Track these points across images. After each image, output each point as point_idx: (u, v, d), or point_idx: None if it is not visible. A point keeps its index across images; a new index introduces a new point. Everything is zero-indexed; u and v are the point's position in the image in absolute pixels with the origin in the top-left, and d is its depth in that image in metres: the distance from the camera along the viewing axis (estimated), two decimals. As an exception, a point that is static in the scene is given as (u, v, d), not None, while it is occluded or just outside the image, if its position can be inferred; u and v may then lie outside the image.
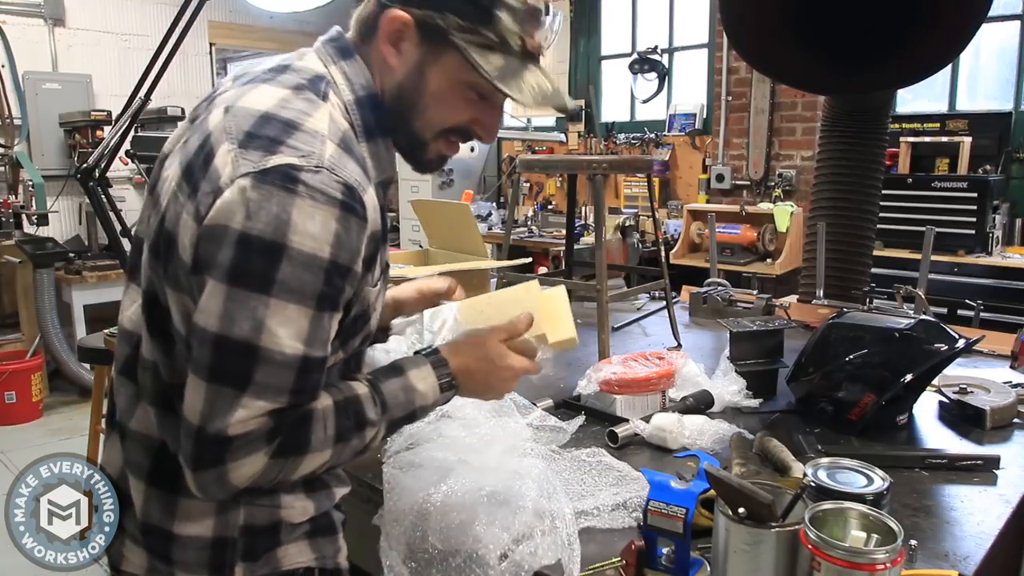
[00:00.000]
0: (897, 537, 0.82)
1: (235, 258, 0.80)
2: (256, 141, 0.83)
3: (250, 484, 0.84)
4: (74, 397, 4.80)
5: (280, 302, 0.81)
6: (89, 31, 5.67)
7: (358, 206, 0.85)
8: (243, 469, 0.82)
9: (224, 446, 0.81)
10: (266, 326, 0.80)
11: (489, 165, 6.73)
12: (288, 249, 0.80)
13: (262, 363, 0.81)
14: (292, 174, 0.81)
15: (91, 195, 4.62)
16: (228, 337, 0.80)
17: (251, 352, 0.80)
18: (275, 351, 0.81)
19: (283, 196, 0.80)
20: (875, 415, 1.45)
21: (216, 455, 0.81)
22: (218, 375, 0.81)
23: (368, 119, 0.95)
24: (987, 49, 4.62)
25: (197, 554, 0.92)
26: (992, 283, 3.98)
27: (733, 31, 2.55)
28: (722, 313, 2.34)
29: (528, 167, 2.18)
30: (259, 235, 0.79)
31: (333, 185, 0.83)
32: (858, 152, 2.46)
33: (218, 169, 0.83)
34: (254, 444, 0.82)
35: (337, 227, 0.83)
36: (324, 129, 0.86)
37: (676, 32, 5.78)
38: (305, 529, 0.98)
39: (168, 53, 2.80)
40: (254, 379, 0.81)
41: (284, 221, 0.80)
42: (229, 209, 0.81)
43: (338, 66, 0.95)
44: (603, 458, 1.29)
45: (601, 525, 1.12)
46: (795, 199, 4.97)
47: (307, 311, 0.82)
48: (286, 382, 0.82)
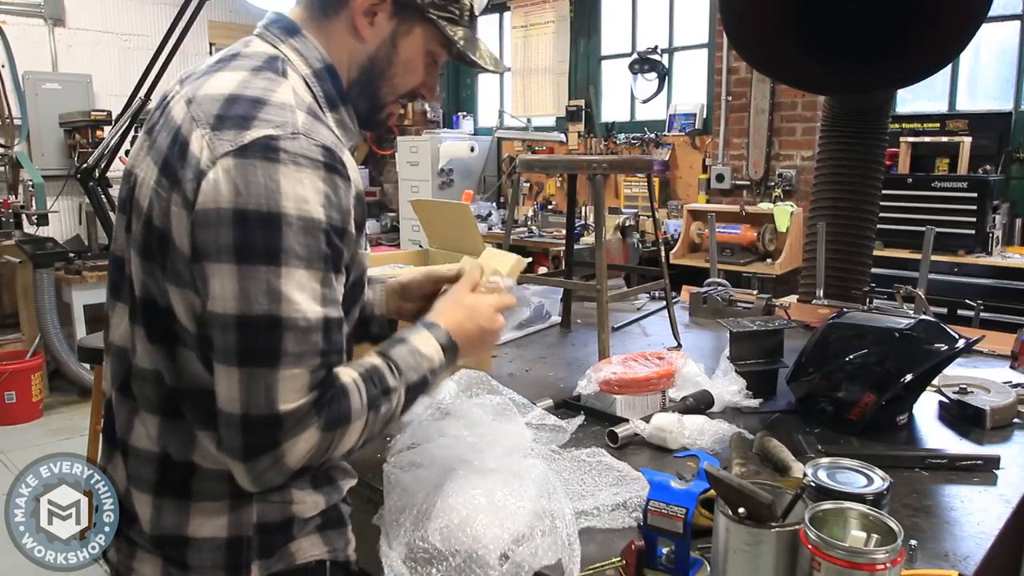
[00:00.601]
0: (897, 537, 0.82)
1: (236, 236, 0.81)
2: (228, 121, 0.85)
3: (305, 463, 0.84)
4: (74, 397, 4.80)
5: (290, 269, 0.82)
6: (89, 31, 5.67)
7: (340, 166, 0.88)
8: (299, 447, 0.83)
9: (277, 427, 0.81)
10: (283, 295, 0.81)
11: (489, 165, 6.73)
12: (285, 216, 0.81)
13: (288, 332, 0.81)
14: (272, 144, 0.83)
15: (91, 195, 4.63)
16: (249, 316, 0.81)
17: (275, 324, 0.81)
18: (298, 318, 0.82)
19: (267, 166, 0.82)
20: (875, 415, 1.45)
21: (270, 438, 0.81)
22: (248, 357, 0.81)
23: (329, 89, 0.98)
24: (987, 49, 4.62)
25: (213, 555, 0.92)
26: (992, 283, 3.98)
27: (733, 31, 2.55)
28: (722, 313, 2.34)
29: (528, 167, 2.18)
30: (254, 209, 0.81)
31: (312, 149, 0.85)
32: (858, 152, 2.46)
33: (196, 154, 0.84)
34: (306, 418, 0.82)
35: (325, 188, 0.85)
36: (291, 101, 0.89)
37: (676, 32, 5.78)
38: (317, 523, 0.99)
39: (168, 53, 2.80)
40: (286, 350, 0.81)
41: (274, 190, 0.81)
42: (217, 190, 0.82)
43: (288, 44, 0.98)
44: (603, 458, 1.29)
45: (601, 525, 1.12)
46: (795, 199, 4.97)
47: (317, 273, 0.84)
48: (315, 345, 0.83)
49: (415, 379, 0.97)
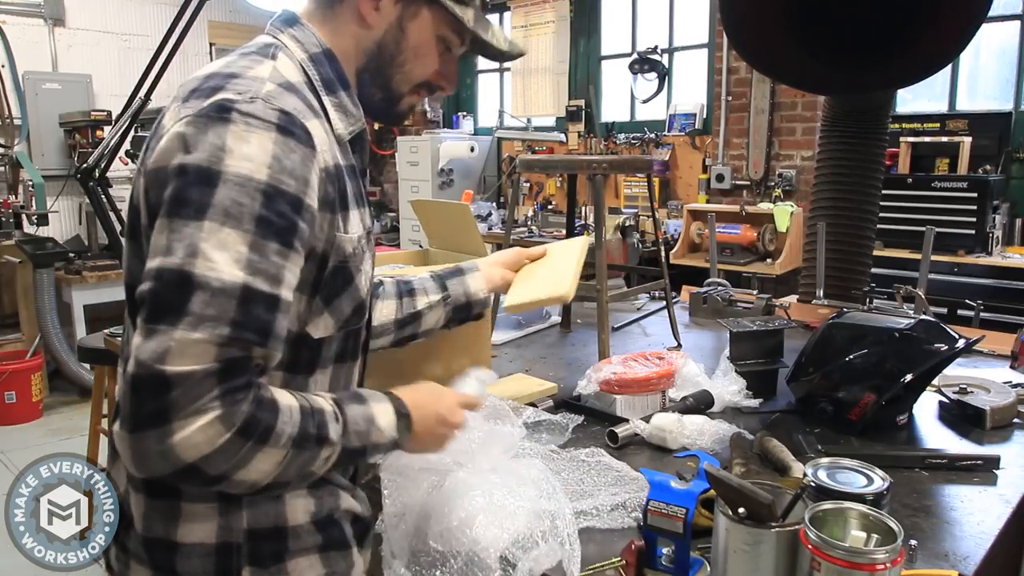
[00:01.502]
0: (897, 537, 0.82)
1: (173, 190, 0.80)
2: (197, 92, 0.87)
3: (199, 460, 0.75)
4: (74, 397, 4.80)
5: (214, 224, 0.78)
6: (89, 31, 5.67)
7: (298, 130, 0.85)
8: (191, 433, 0.74)
9: (162, 390, 0.74)
10: (200, 250, 0.77)
11: (489, 165, 6.73)
12: (223, 174, 0.79)
13: (196, 290, 0.76)
14: (226, 105, 0.83)
15: (91, 195, 4.63)
16: (163, 268, 0.77)
17: (184, 280, 0.76)
18: (211, 277, 0.76)
19: (217, 125, 0.82)
20: (875, 415, 1.45)
21: (156, 407, 0.74)
22: (153, 311, 0.76)
23: (326, 73, 0.97)
24: (987, 49, 4.61)
25: (202, 562, 0.90)
26: (992, 283, 3.98)
27: (733, 31, 2.55)
28: (722, 313, 2.34)
29: (528, 167, 2.18)
30: (195, 163, 0.80)
31: (268, 112, 0.84)
32: (858, 152, 2.46)
33: (164, 125, 0.86)
34: (201, 396, 0.75)
35: (274, 148, 0.82)
36: (265, 75, 0.89)
37: (676, 32, 5.78)
38: (317, 542, 0.96)
39: (168, 53, 2.80)
40: (189, 308, 0.75)
41: (218, 147, 0.80)
42: (168, 148, 0.82)
43: (286, 33, 0.99)
44: (602, 458, 1.29)
45: (601, 525, 1.12)
46: (795, 199, 4.97)
47: (245, 235, 0.79)
48: (226, 312, 0.76)
49: (356, 445, 0.91)
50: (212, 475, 0.78)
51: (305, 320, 0.93)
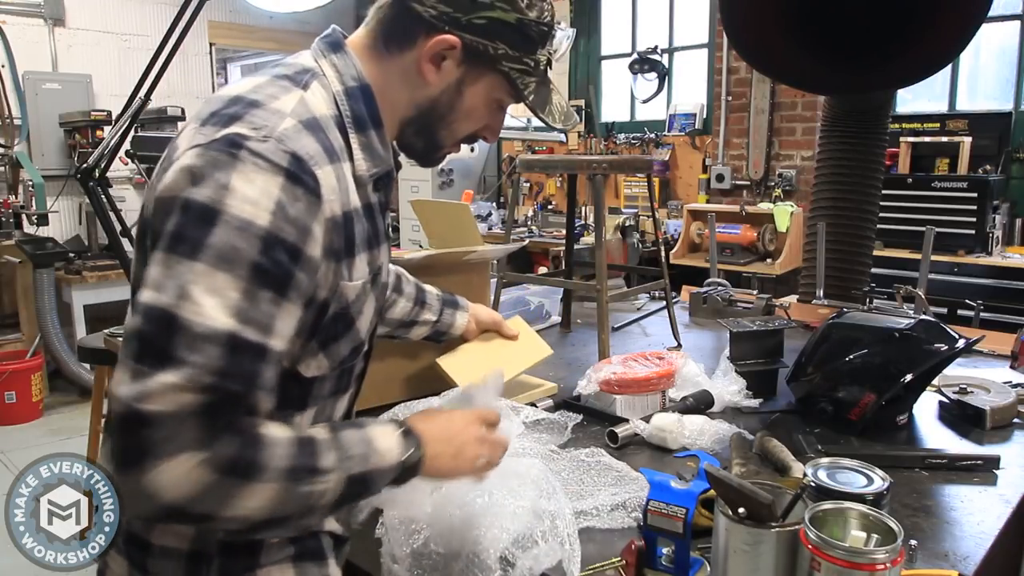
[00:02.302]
0: (897, 537, 0.82)
1: (173, 225, 0.78)
2: (215, 118, 0.84)
3: (183, 501, 0.73)
4: (74, 397, 4.80)
5: (208, 268, 0.75)
6: (89, 31, 5.67)
7: (307, 178, 0.82)
8: (170, 474, 0.72)
9: (139, 427, 0.72)
10: (189, 293, 0.74)
11: (489, 165, 6.73)
12: (223, 214, 0.77)
13: (181, 334, 0.74)
14: (237, 141, 0.80)
15: (91, 195, 4.60)
16: (152, 306, 0.75)
17: (170, 321, 0.74)
18: (196, 321, 0.74)
19: (225, 161, 0.79)
20: (875, 415, 1.45)
21: (136, 445, 0.72)
22: (138, 350, 0.74)
23: (359, 110, 0.93)
24: (987, 49, 4.62)
25: (173, 566, 0.90)
26: (992, 283, 3.98)
27: (733, 31, 2.55)
28: (722, 313, 2.34)
29: (528, 167, 2.18)
30: (198, 200, 0.77)
31: (279, 153, 0.80)
32: (858, 152, 2.46)
33: (178, 146, 0.84)
34: (180, 437, 0.72)
35: (279, 195, 0.79)
36: (287, 109, 0.85)
37: (676, 32, 5.78)
38: (289, 552, 0.94)
39: (168, 53, 2.79)
40: (173, 353, 0.73)
41: (223, 185, 0.78)
42: (175, 179, 0.80)
43: (328, 59, 0.94)
44: (602, 458, 1.28)
45: (601, 525, 1.12)
46: (795, 199, 4.97)
47: (238, 282, 0.76)
48: (211, 359, 0.74)
49: (356, 471, 0.85)
50: (198, 513, 0.76)
51: (297, 359, 0.90)
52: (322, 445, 0.84)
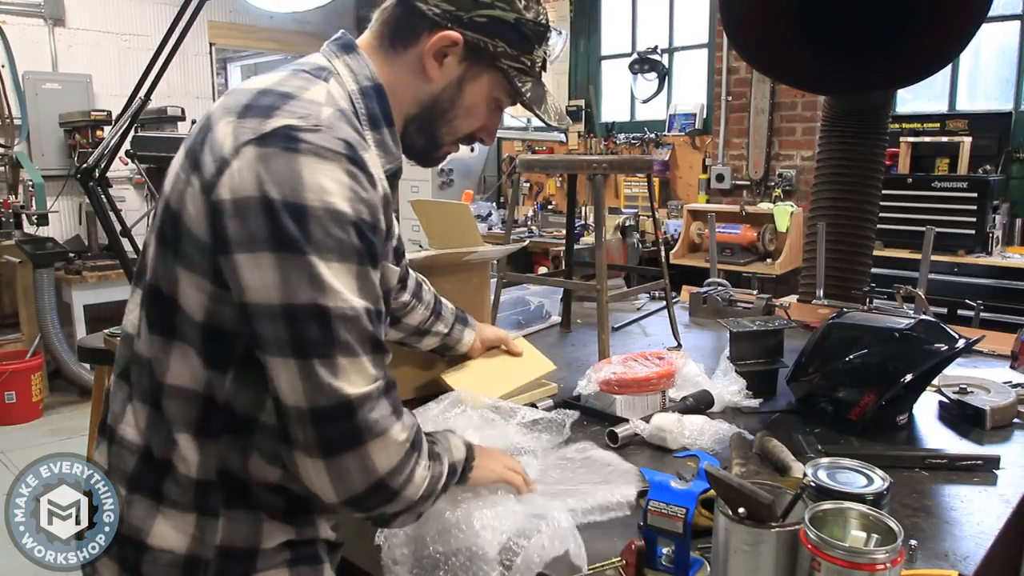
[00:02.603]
0: (897, 537, 0.82)
1: (267, 226, 0.80)
2: (253, 110, 0.86)
3: (387, 474, 0.83)
4: (74, 397, 4.80)
5: (323, 260, 0.81)
6: (89, 31, 5.67)
7: (361, 161, 0.87)
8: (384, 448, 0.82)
9: (350, 415, 0.81)
10: (326, 283, 0.80)
11: (489, 165, 6.73)
12: (311, 208, 0.81)
13: (337, 321, 0.81)
14: (292, 134, 0.83)
15: (91, 195, 4.60)
16: (295, 305, 0.80)
17: (323, 313, 0.80)
18: (345, 307, 0.82)
19: (288, 156, 0.82)
20: (875, 415, 1.45)
21: (350, 431, 0.81)
22: (304, 347, 0.80)
23: (373, 108, 0.97)
24: (987, 49, 4.62)
25: (167, 571, 0.90)
26: (992, 283, 3.98)
27: (733, 31, 2.55)
28: (722, 313, 2.34)
29: (528, 167, 2.18)
30: (280, 199, 0.80)
31: (334, 142, 0.84)
32: (858, 152, 2.46)
33: (219, 140, 0.85)
34: (381, 409, 0.82)
35: (349, 181, 0.84)
36: (321, 99, 0.89)
37: (676, 32, 5.78)
38: (286, 556, 0.95)
39: (168, 53, 2.79)
40: (339, 338, 0.81)
41: (296, 180, 0.81)
42: (243, 179, 0.82)
43: (341, 60, 0.97)
44: (593, 452, 1.29)
45: (600, 518, 1.12)
46: (795, 199, 4.97)
47: (351, 266, 0.83)
48: (365, 334, 0.83)
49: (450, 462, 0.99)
50: (393, 489, 0.86)
51: None
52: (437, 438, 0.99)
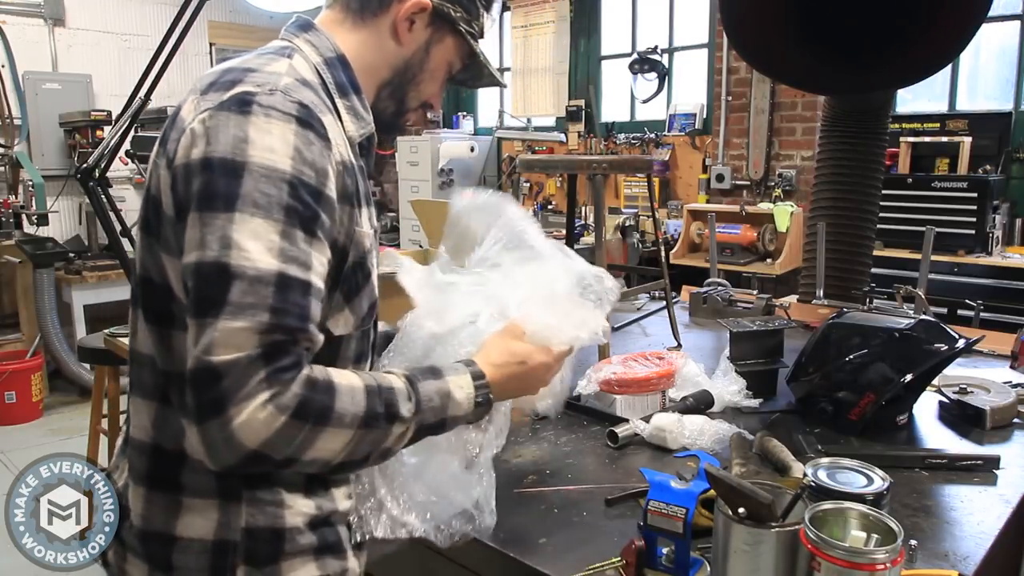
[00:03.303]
0: (897, 537, 0.82)
1: (200, 184, 0.82)
2: (215, 86, 0.89)
3: (261, 446, 0.78)
4: (74, 397, 4.80)
5: (244, 216, 0.80)
6: (89, 31, 5.67)
7: (316, 123, 0.88)
8: (248, 420, 0.76)
9: (214, 381, 0.76)
10: (233, 241, 0.79)
11: (489, 165, 6.73)
12: (248, 164, 0.81)
13: (235, 280, 0.78)
14: (246, 98, 0.86)
15: (91, 195, 4.60)
16: (202, 263, 0.80)
17: (222, 271, 0.78)
18: (247, 266, 0.79)
19: (239, 118, 0.84)
20: (875, 415, 1.45)
21: (212, 396, 0.77)
22: (199, 306, 0.79)
23: (339, 77, 1.00)
24: (987, 49, 4.61)
25: (198, 559, 0.90)
26: (992, 283, 3.98)
27: (733, 31, 2.55)
28: (722, 313, 2.34)
29: (528, 167, 2.18)
30: (219, 156, 0.82)
31: (287, 104, 0.86)
32: (858, 152, 2.46)
33: (183, 118, 0.89)
34: (248, 382, 0.77)
35: (295, 140, 0.85)
36: (282, 71, 0.92)
37: (676, 32, 5.78)
38: (312, 544, 0.96)
39: (168, 53, 2.79)
40: (229, 299, 0.78)
41: (241, 139, 0.82)
42: (191, 142, 0.85)
43: (301, 38, 1.01)
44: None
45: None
46: (795, 199, 4.97)
47: (275, 224, 0.81)
48: (264, 299, 0.79)
49: (431, 421, 0.92)
50: (279, 459, 0.81)
51: (326, 316, 0.93)
52: (399, 395, 0.89)
